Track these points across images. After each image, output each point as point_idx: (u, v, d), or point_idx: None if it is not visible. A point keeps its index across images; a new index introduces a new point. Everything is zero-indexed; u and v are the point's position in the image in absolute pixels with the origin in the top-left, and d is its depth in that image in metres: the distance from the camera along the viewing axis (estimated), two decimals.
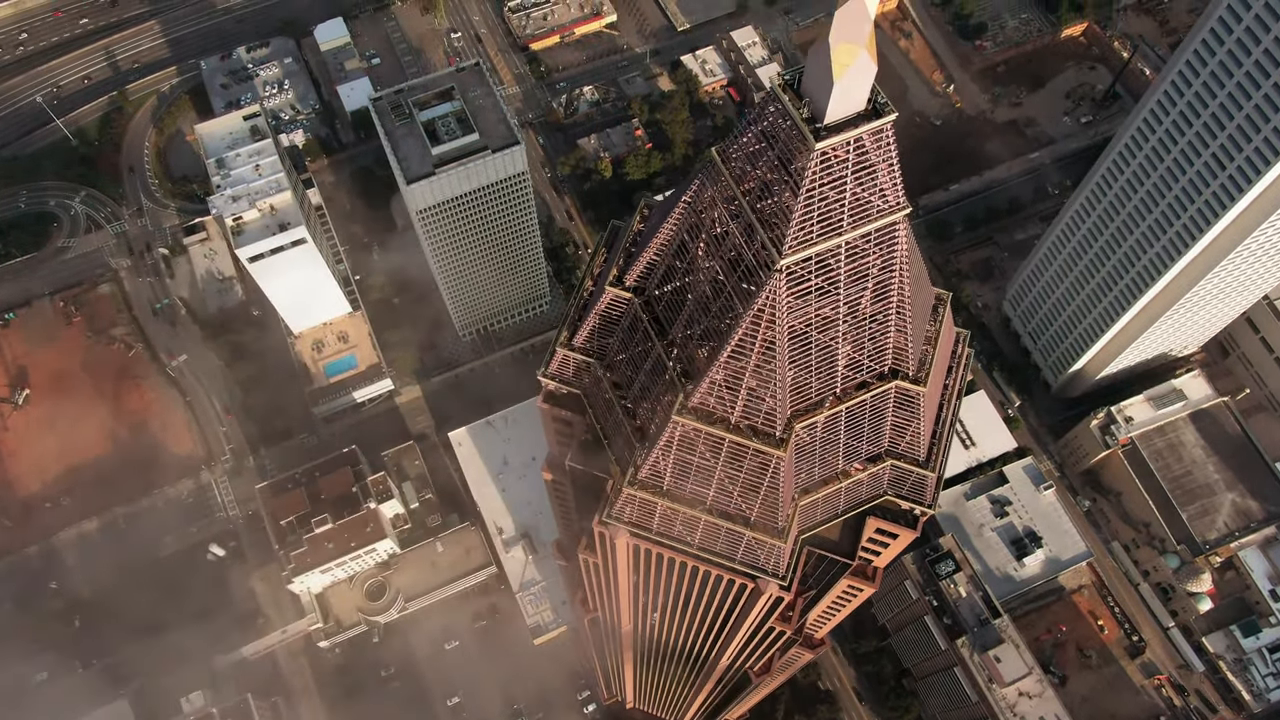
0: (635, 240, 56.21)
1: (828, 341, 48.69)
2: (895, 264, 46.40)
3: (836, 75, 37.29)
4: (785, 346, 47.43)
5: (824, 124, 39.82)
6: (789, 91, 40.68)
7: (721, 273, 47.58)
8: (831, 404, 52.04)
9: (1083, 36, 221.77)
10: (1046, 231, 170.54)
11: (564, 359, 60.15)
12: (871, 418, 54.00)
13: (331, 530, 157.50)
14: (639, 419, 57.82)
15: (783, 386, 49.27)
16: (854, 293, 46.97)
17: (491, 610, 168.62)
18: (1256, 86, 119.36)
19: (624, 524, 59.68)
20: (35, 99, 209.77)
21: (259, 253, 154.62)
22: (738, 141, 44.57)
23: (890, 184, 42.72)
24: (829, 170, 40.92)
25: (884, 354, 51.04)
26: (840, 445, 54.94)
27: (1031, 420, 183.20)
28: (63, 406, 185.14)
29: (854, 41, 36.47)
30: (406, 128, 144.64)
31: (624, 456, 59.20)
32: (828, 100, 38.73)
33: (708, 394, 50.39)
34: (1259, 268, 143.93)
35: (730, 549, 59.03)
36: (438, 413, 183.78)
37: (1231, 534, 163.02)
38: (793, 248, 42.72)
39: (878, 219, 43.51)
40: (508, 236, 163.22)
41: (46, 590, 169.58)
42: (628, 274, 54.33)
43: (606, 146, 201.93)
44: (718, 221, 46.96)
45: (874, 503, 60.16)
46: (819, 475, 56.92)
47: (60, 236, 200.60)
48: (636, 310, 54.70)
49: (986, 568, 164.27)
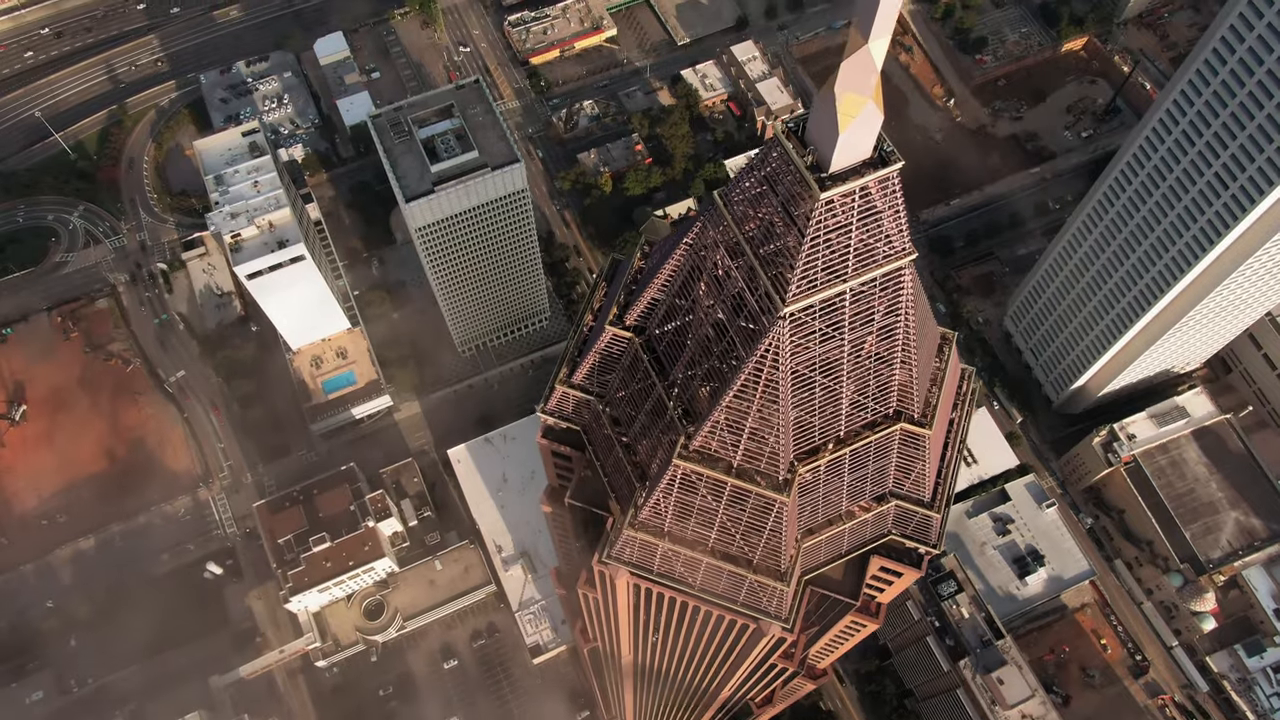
0: (636, 278, 55.44)
1: (832, 385, 47.88)
2: (900, 308, 45.62)
3: (842, 126, 36.57)
4: (789, 390, 46.62)
5: (829, 173, 39.12)
6: (793, 138, 39.97)
7: (724, 315, 46.81)
8: (835, 447, 51.22)
9: (1083, 51, 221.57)
10: (1048, 247, 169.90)
11: (563, 395, 59.35)
12: (876, 459, 53.16)
13: (329, 549, 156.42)
14: (639, 457, 56.97)
15: (786, 430, 48.44)
16: (859, 336, 46.20)
17: (490, 629, 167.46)
18: (1260, 107, 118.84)
19: (624, 564, 58.80)
20: (34, 113, 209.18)
21: (257, 270, 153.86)
22: (740, 185, 43.84)
23: (896, 230, 41.97)
24: (834, 218, 40.18)
25: (889, 396, 50.23)
26: (844, 487, 54.07)
27: (1033, 437, 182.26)
28: (60, 422, 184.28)
29: (860, 92, 35.75)
30: (405, 145, 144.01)
31: (624, 495, 58.33)
32: (833, 150, 38.00)
33: (709, 437, 49.56)
34: (1262, 285, 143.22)
35: (732, 591, 58.13)
36: (437, 429, 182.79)
37: (1235, 552, 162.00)
38: (796, 296, 41.96)
39: (884, 264, 42.77)
40: (507, 253, 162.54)
41: (42, 609, 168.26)
42: (628, 313, 53.54)
43: (606, 161, 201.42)
44: (720, 264, 46.19)
45: (878, 543, 59.29)
46: (823, 516, 56.06)
47: (58, 251, 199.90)
48: (637, 349, 53.90)
49: (989, 586, 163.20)
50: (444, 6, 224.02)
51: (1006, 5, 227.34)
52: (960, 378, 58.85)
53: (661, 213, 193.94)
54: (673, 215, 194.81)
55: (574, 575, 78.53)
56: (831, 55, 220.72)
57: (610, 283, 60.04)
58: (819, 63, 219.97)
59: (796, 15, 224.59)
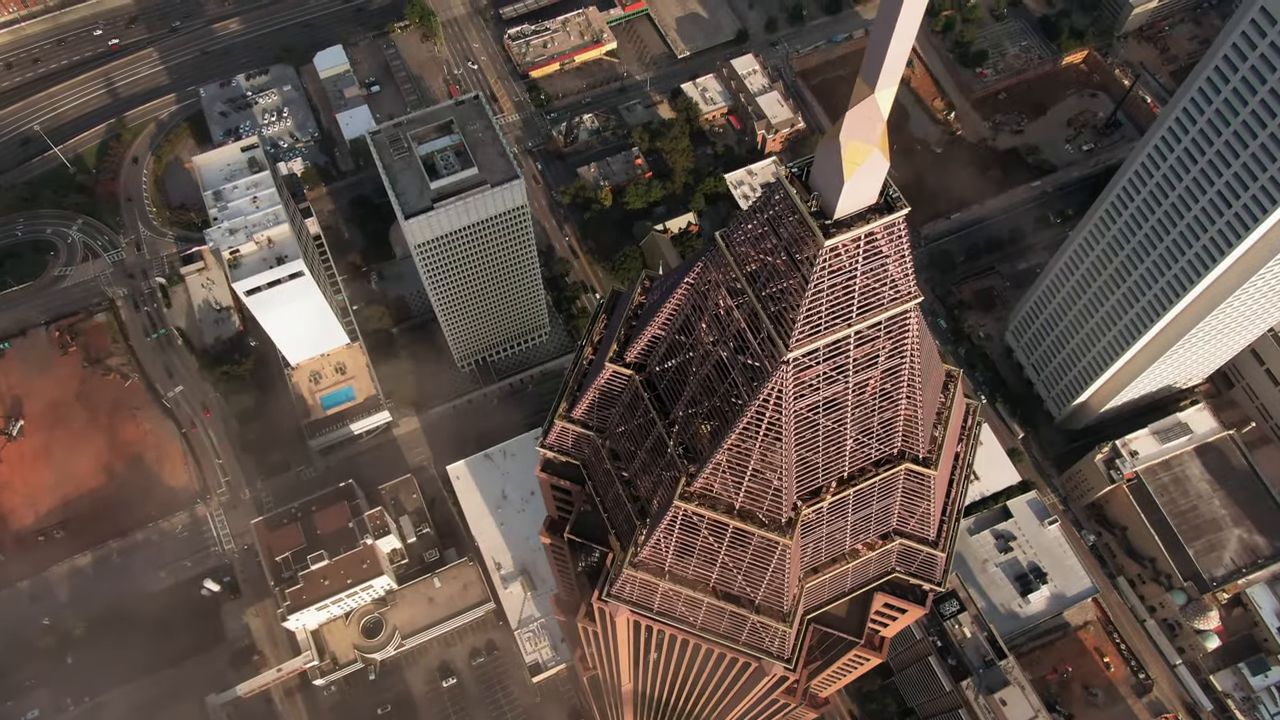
0: (636, 313, 54.74)
1: (835, 426, 47.14)
2: (905, 350, 44.92)
3: (847, 174, 35.90)
4: (792, 432, 45.88)
5: (833, 219, 38.46)
6: (796, 183, 39.31)
7: (726, 356, 46.09)
8: (839, 487, 50.46)
9: (1083, 64, 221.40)
10: (1049, 263, 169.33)
11: (562, 430, 58.60)
12: (880, 499, 52.39)
13: (328, 567, 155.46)
14: (640, 494, 56.20)
15: (789, 471, 47.70)
16: (863, 378, 45.49)
17: (489, 647, 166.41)
18: (1263, 126, 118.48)
19: (624, 603, 57.95)
20: (33, 126, 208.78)
21: (256, 286, 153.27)
22: (742, 227, 43.15)
23: (901, 274, 41.29)
24: (838, 264, 39.51)
25: (893, 436, 49.50)
26: (848, 526, 53.29)
27: (1035, 453, 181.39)
28: (58, 437, 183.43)
29: (866, 141, 35.08)
30: (405, 161, 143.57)
31: (624, 531, 57.56)
32: (838, 197, 37.33)
33: (711, 478, 48.80)
34: (1266, 302, 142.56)
35: (734, 631, 57.28)
36: (436, 445, 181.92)
37: (1239, 570, 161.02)
38: (800, 341, 41.26)
39: (889, 308, 42.09)
40: (507, 269, 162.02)
41: (39, 626, 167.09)
42: (629, 350, 52.80)
43: (607, 175, 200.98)
44: (722, 305, 45.49)
45: (882, 580, 58.45)
46: (826, 555, 55.27)
47: (57, 265, 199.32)
48: (637, 386, 53.17)
49: (991, 604, 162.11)
50: (444, 20, 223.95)
51: (1007, 19, 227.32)
52: (965, 412, 58.08)
53: (662, 227, 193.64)
54: (673, 230, 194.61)
55: (574, 604, 77.58)
56: (831, 68, 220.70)
57: (610, 315, 59.30)
58: (819, 76, 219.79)
59: (796, 28, 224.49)
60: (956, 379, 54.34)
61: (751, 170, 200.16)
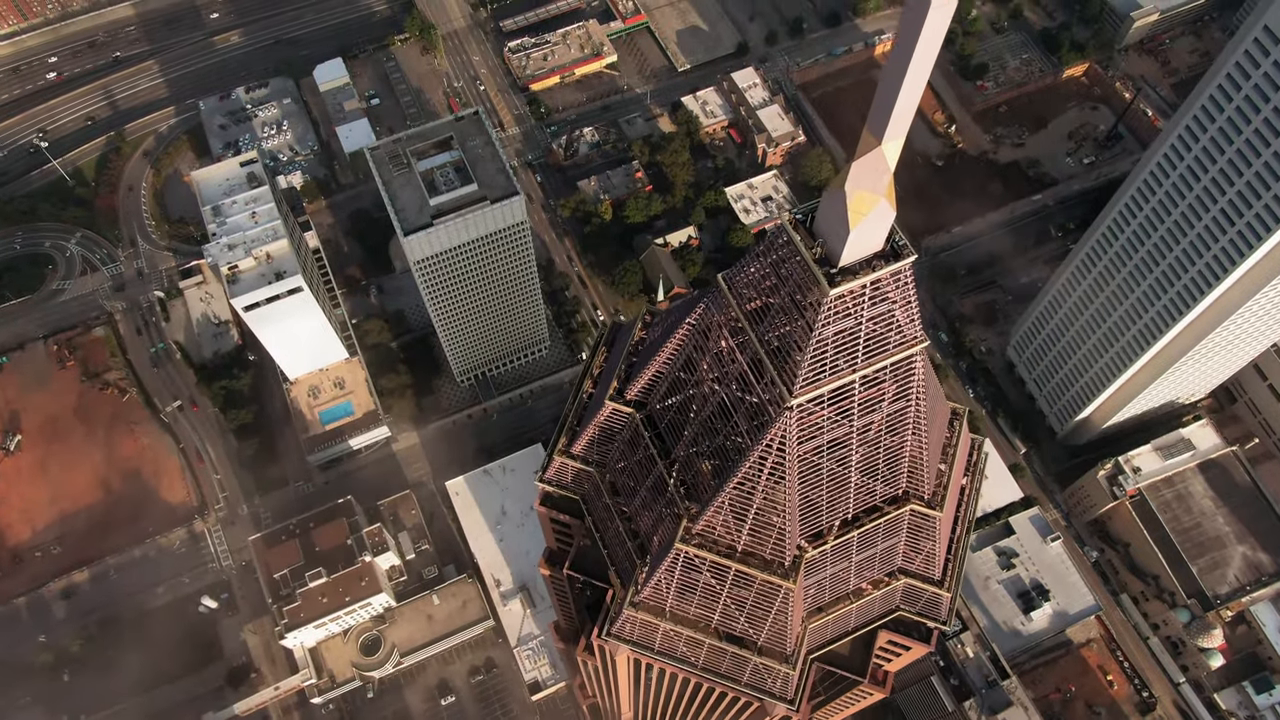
0: (637, 350, 53.99)
1: (840, 469, 46.38)
2: (911, 393, 44.19)
3: (853, 223, 35.21)
4: (795, 476, 45.12)
5: (838, 267, 37.74)
6: (800, 230, 38.60)
7: (728, 399, 45.34)
8: (844, 529, 49.67)
9: (1084, 77, 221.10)
10: (1051, 278, 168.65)
11: (562, 466, 57.81)
12: (885, 539, 51.59)
13: (326, 584, 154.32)
14: (640, 531, 55.40)
15: (792, 514, 46.92)
16: (868, 421, 44.73)
17: (488, 665, 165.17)
18: (1266, 144, 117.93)
19: (624, 642, 57.07)
20: (32, 139, 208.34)
21: (254, 302, 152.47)
22: (745, 270, 42.46)
23: (907, 320, 40.58)
24: (844, 311, 38.81)
25: (898, 478, 48.73)
26: (852, 566, 52.47)
27: (1037, 468, 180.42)
28: (55, 452, 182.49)
29: (873, 191, 34.37)
30: (404, 178, 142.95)
31: (624, 569, 56.73)
32: (843, 246, 36.64)
33: (713, 520, 48.01)
34: (1270, 318, 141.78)
35: (736, 671, 56.42)
36: (435, 460, 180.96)
37: (1243, 588, 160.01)
38: (804, 387, 40.52)
39: (894, 353, 41.36)
40: (507, 284, 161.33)
41: (35, 643, 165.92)
42: (629, 387, 52.07)
43: (607, 189, 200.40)
44: (724, 348, 44.77)
45: (887, 618, 57.60)
46: (830, 596, 54.43)
47: (55, 278, 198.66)
48: (638, 425, 52.40)
49: (993, 622, 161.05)
50: (444, 33, 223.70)
51: (1007, 31, 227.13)
52: (970, 449, 57.28)
53: (662, 241, 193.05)
54: (673, 243, 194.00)
55: (573, 632, 76.64)
56: (831, 81, 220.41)
57: (610, 348, 58.53)
58: (819, 88, 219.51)
59: (796, 41, 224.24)
60: (962, 417, 53.56)
61: (752, 184, 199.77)
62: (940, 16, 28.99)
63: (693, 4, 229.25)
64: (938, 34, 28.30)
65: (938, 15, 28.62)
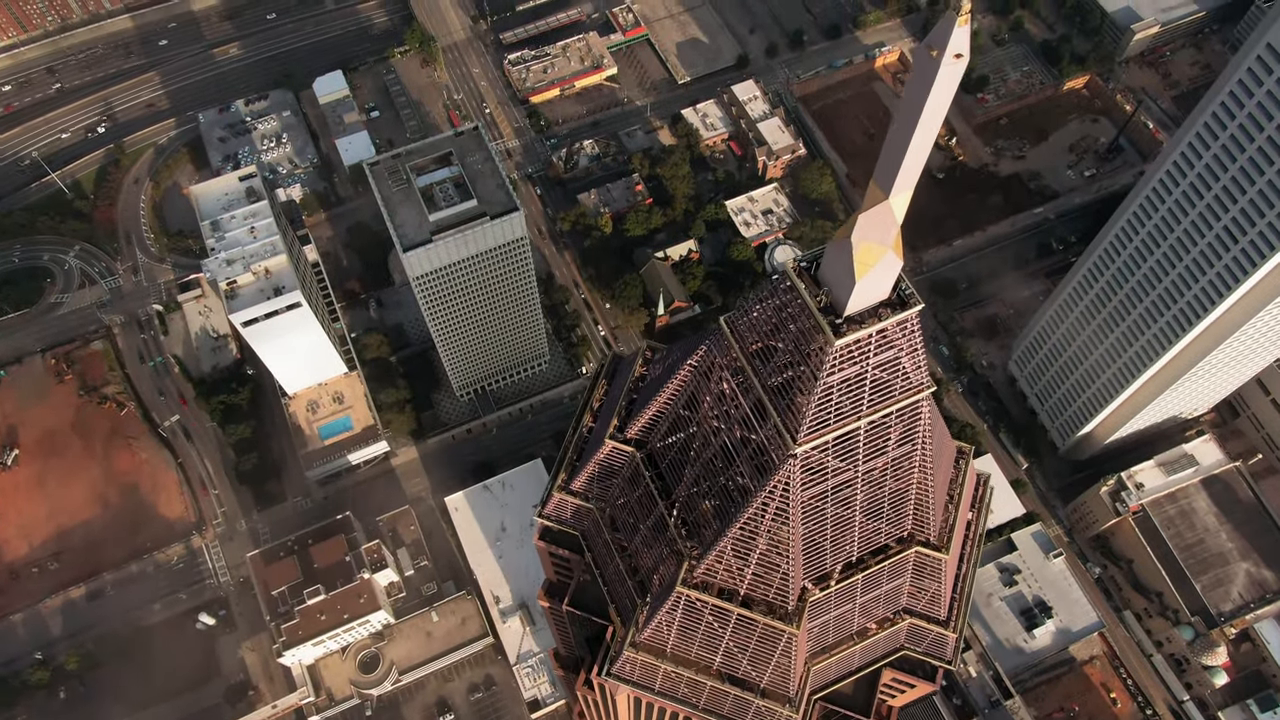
0: (637, 387, 53.22)
1: (844, 513, 45.59)
2: (917, 437, 43.42)
3: (859, 274, 34.46)
4: (799, 521, 44.34)
5: (844, 316, 36.99)
6: (805, 277, 37.87)
7: (730, 444, 44.56)
8: (848, 572, 48.86)
9: (1085, 89, 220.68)
10: (1053, 293, 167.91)
11: (561, 501, 57.00)
12: (890, 580, 50.76)
13: (324, 601, 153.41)
14: (640, 568, 54.57)
15: (795, 559, 46.10)
16: (873, 466, 43.97)
17: (488, 682, 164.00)
18: (1270, 162, 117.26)
19: (624, 682, 56.20)
20: (31, 152, 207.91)
21: (253, 317, 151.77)
22: (748, 315, 41.73)
23: (914, 366, 39.84)
24: (849, 360, 38.06)
25: (904, 520, 47.94)
26: (857, 608, 51.62)
27: (1039, 483, 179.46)
28: (52, 467, 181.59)
29: (880, 243, 33.66)
30: (404, 193, 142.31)
31: (625, 607, 55.87)
32: (848, 295, 35.92)
33: (715, 564, 47.19)
34: (1275, 335, 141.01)
35: (738, 713, 55.45)
36: (434, 475, 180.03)
37: (1247, 605, 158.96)
38: (809, 435, 39.76)
39: (900, 400, 40.61)
40: (506, 299, 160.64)
41: (31, 660, 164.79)
42: (630, 425, 51.30)
43: (607, 202, 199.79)
44: (726, 392, 44.02)
45: (891, 657, 56.77)
46: (834, 637, 53.56)
47: (54, 292, 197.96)
48: (638, 464, 51.61)
49: (995, 640, 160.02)
50: (444, 45, 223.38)
51: (1008, 44, 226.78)
52: (976, 484, 56.49)
53: (662, 254, 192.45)
54: (673, 257, 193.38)
55: (572, 661, 75.71)
56: (832, 93, 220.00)
57: (611, 381, 57.74)
58: (819, 101, 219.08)
59: (797, 54, 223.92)
60: (968, 455, 52.77)
61: (753, 197, 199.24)
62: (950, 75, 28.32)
63: (693, 16, 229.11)
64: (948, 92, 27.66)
65: (948, 74, 27.97)
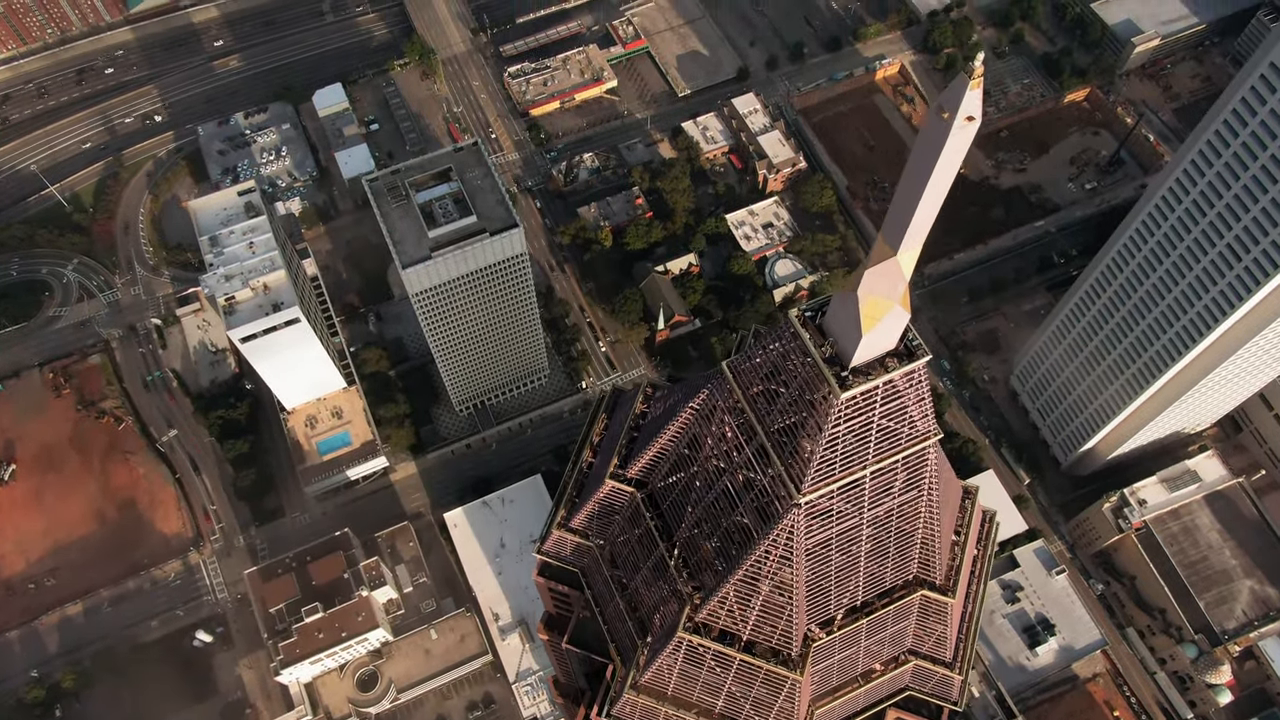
0: (638, 425, 52.48)
1: (849, 559, 44.80)
2: (923, 483, 42.67)
3: (865, 328, 33.74)
4: (802, 567, 43.58)
5: (850, 368, 36.27)
6: (810, 327, 37.15)
7: (733, 489, 43.81)
8: (853, 616, 48.05)
9: (1086, 102, 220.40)
10: (1056, 307, 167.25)
11: (560, 539, 56.22)
12: (895, 623, 49.94)
13: (322, 619, 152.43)
14: (641, 608, 53.74)
15: (799, 605, 45.31)
16: (878, 513, 43.20)
17: (486, 700, 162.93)
18: (1274, 180, 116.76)
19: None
20: (30, 165, 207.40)
21: (251, 333, 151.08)
22: (751, 361, 41.00)
23: (921, 415, 39.13)
24: (855, 412, 37.33)
25: (909, 564, 47.14)
26: (861, 650, 50.78)
27: (1041, 499, 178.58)
28: (49, 482, 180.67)
29: (887, 297, 32.94)
30: (403, 209, 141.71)
31: (625, 646, 55.02)
32: (854, 347, 35.21)
33: (717, 610, 46.39)
34: (1279, 353, 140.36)
35: None
36: (434, 490, 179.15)
37: (1251, 623, 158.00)
38: (813, 485, 39.02)
39: (906, 448, 39.88)
40: (506, 315, 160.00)
41: (27, 677, 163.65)
42: (630, 465, 50.54)
43: (607, 215, 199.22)
44: (728, 436, 43.28)
45: (897, 699, 55.93)
46: (838, 680, 52.72)
47: (52, 305, 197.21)
48: (639, 504, 50.84)
49: (998, 658, 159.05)
50: (444, 58, 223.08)
51: (1008, 56, 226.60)
52: (983, 521, 55.69)
53: (662, 268, 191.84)
54: (673, 271, 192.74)
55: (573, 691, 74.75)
56: (832, 105, 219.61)
57: (611, 416, 56.99)
58: (820, 114, 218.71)
59: (797, 66, 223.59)
60: (974, 495, 51.97)
61: (753, 211, 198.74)
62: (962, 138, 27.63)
63: (693, 29, 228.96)
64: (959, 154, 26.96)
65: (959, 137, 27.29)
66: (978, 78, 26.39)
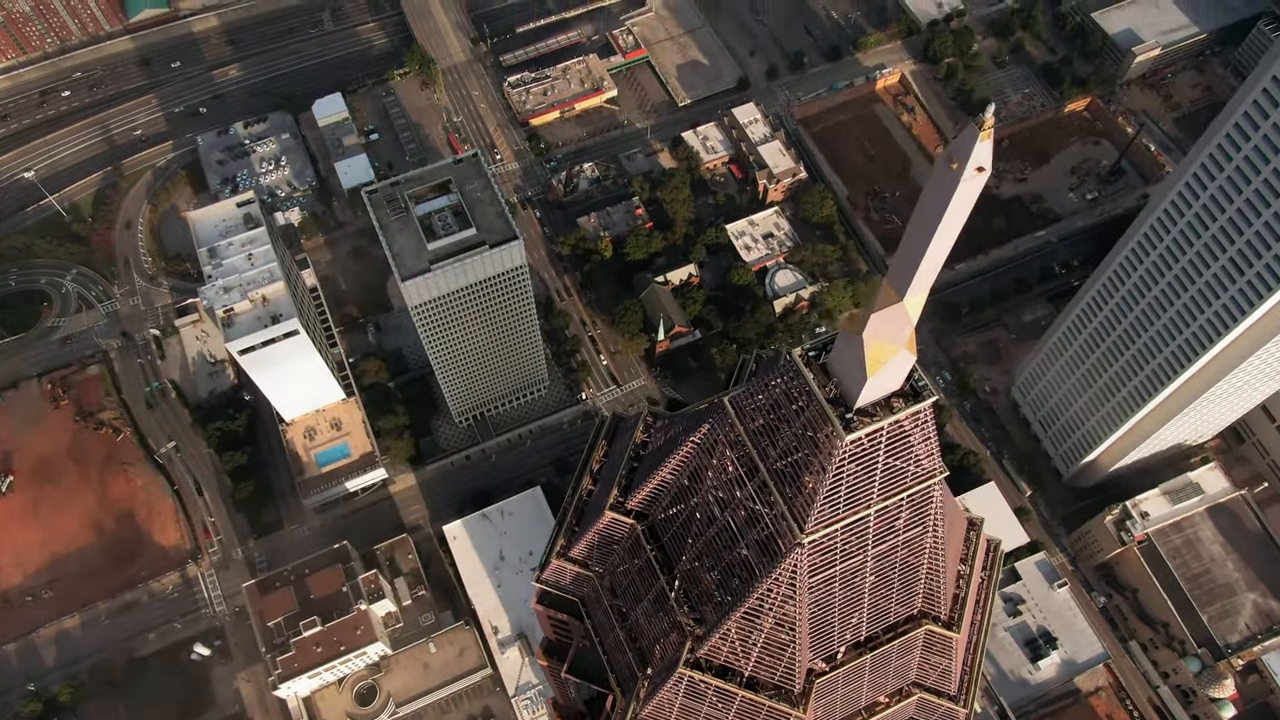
0: (638, 455, 51.86)
1: (853, 594, 44.17)
2: (928, 520, 42.05)
3: (870, 372, 33.14)
4: (806, 604, 42.92)
5: (855, 409, 35.69)
6: (813, 367, 36.56)
7: (735, 525, 43.19)
8: (856, 651, 47.41)
9: (1086, 111, 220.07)
10: (1058, 319, 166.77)
11: (559, 568, 55.57)
12: (900, 657, 49.28)
13: (320, 633, 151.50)
14: (641, 640, 53.07)
15: (802, 640, 44.66)
16: (883, 550, 42.60)
17: (486, 714, 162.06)
18: (1277, 194, 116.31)
19: None
20: (28, 175, 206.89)
21: (250, 345, 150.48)
22: (753, 398, 40.41)
23: (926, 454, 38.53)
24: (859, 453, 36.73)
25: (913, 599, 46.51)
26: (865, 684, 50.11)
27: (1043, 511, 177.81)
28: (47, 494, 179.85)
29: (893, 342, 32.37)
30: (402, 222, 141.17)
31: (625, 677, 54.33)
32: (859, 389, 34.61)
33: (719, 645, 45.74)
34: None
35: None
36: (433, 502, 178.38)
37: (1254, 636, 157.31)
38: (817, 525, 38.41)
39: (912, 486, 39.29)
40: (506, 327, 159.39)
41: (23, 691, 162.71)
42: (631, 496, 49.92)
43: (607, 225, 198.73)
44: (730, 472, 42.67)
45: None
46: (841, 714, 52.02)
47: (50, 315, 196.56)
48: (639, 535, 50.21)
49: (1000, 671, 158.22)
50: (443, 67, 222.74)
51: (1009, 66, 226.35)
52: (988, 550, 55.04)
53: (662, 279, 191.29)
54: (674, 281, 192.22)
55: (573, 714, 74.00)
56: (832, 115, 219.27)
57: (610, 443, 56.36)
58: (820, 123, 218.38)
59: (797, 76, 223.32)
60: (979, 527, 51.35)
61: (753, 221, 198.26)
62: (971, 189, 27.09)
63: (693, 39, 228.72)
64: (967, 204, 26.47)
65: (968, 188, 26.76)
66: (988, 129, 25.84)
